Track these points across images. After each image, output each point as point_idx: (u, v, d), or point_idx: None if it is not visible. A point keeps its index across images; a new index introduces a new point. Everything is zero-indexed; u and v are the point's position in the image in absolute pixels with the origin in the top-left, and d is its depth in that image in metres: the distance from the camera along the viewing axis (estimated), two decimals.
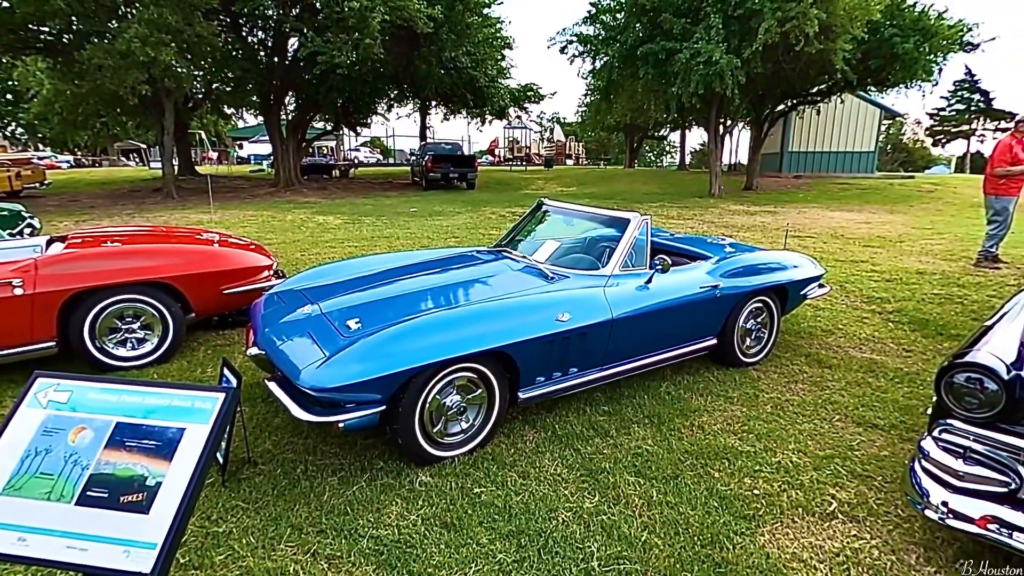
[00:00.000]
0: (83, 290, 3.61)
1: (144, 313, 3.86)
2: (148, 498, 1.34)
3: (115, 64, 12.08)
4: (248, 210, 13.87)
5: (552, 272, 3.42)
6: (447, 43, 17.13)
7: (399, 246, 8.57)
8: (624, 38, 14.58)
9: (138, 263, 3.83)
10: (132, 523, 1.31)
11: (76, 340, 3.65)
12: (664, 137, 49.81)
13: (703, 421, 3.22)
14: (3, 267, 3.50)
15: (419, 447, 2.69)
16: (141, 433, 1.44)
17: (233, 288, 4.18)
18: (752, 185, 19.92)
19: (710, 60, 12.38)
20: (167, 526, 1.30)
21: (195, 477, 1.36)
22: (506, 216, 12.48)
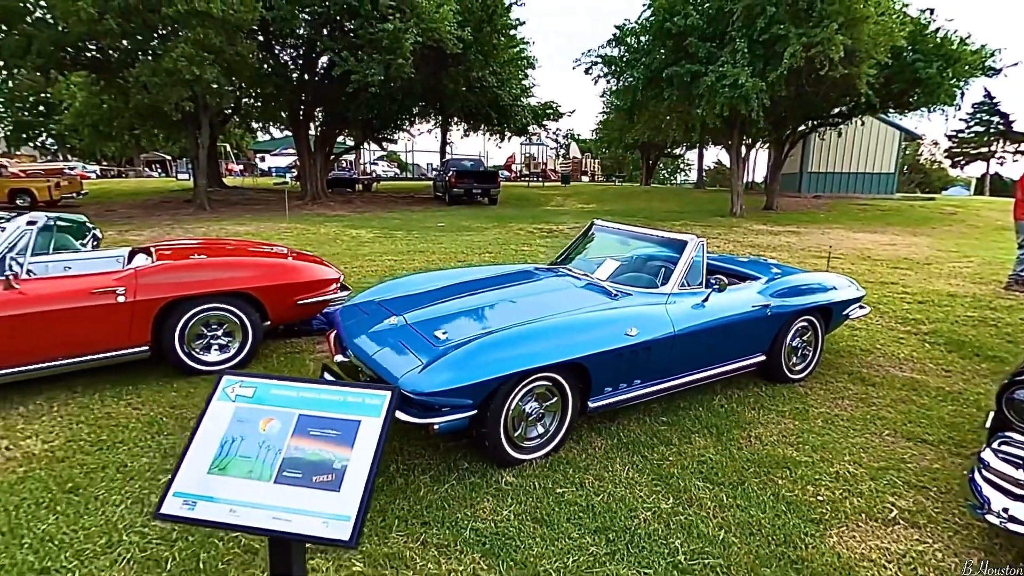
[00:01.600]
0: (176, 299, 3.90)
1: (227, 321, 4.14)
2: (337, 479, 1.57)
3: (161, 81, 12.61)
4: (281, 223, 14.27)
5: (615, 290, 3.65)
6: (474, 63, 17.60)
7: (435, 260, 8.85)
8: (649, 60, 14.92)
9: (224, 274, 4.11)
10: (326, 499, 1.55)
11: (168, 345, 3.93)
12: (679, 155, 50.04)
13: (759, 433, 3.42)
14: (107, 276, 3.80)
15: (503, 449, 2.91)
16: (322, 424, 1.67)
17: (305, 299, 4.45)
18: (772, 205, 20.08)
19: (736, 83, 12.66)
20: (357, 502, 1.53)
21: (375, 462, 1.59)
22: (534, 233, 12.75)
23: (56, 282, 3.68)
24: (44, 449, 3.07)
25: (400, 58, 14.74)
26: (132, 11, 12.37)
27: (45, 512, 2.53)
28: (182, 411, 3.54)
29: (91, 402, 3.64)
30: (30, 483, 2.75)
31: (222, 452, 1.66)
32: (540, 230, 13.19)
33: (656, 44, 14.72)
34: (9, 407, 3.53)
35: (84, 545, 2.31)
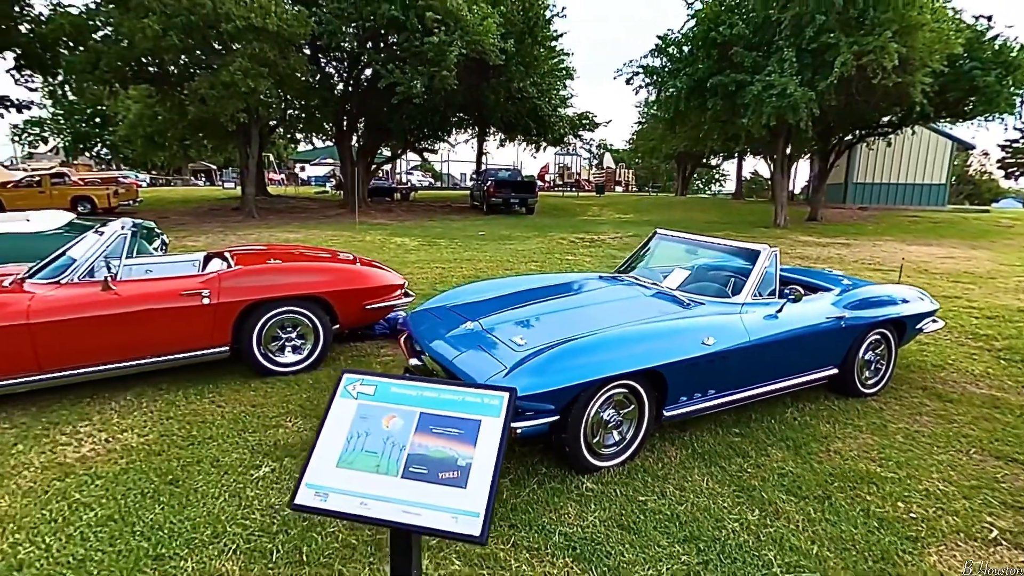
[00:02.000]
0: (256, 301, 4.05)
1: (300, 324, 4.28)
2: (463, 476, 1.62)
3: (218, 93, 13.13)
4: (328, 230, 14.63)
5: (687, 299, 3.64)
6: (515, 74, 17.79)
7: (483, 269, 8.94)
8: (693, 70, 14.82)
9: (300, 279, 4.26)
10: (453, 495, 1.59)
11: (246, 346, 4.08)
12: (716, 166, 49.33)
13: (837, 447, 3.34)
14: (193, 279, 3.98)
15: (582, 455, 2.93)
16: (444, 422, 1.73)
17: (373, 304, 4.57)
18: (816, 216, 19.65)
19: (783, 92, 12.48)
20: (485, 499, 1.57)
21: (498, 460, 1.64)
22: (576, 243, 12.76)
23: (147, 284, 3.87)
24: (141, 442, 3.22)
25: (444, 70, 15.02)
26: (193, 28, 12.93)
27: (151, 502, 2.65)
28: (263, 410, 3.66)
29: (177, 399, 3.80)
30: (133, 474, 2.89)
31: (348, 447, 1.73)
32: (582, 240, 13.19)
33: (700, 54, 14.63)
34: (104, 402, 3.72)
35: (192, 535, 2.42)
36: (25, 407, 3.62)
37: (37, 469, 2.93)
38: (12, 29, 15.48)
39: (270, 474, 2.91)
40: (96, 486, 2.78)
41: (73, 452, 3.11)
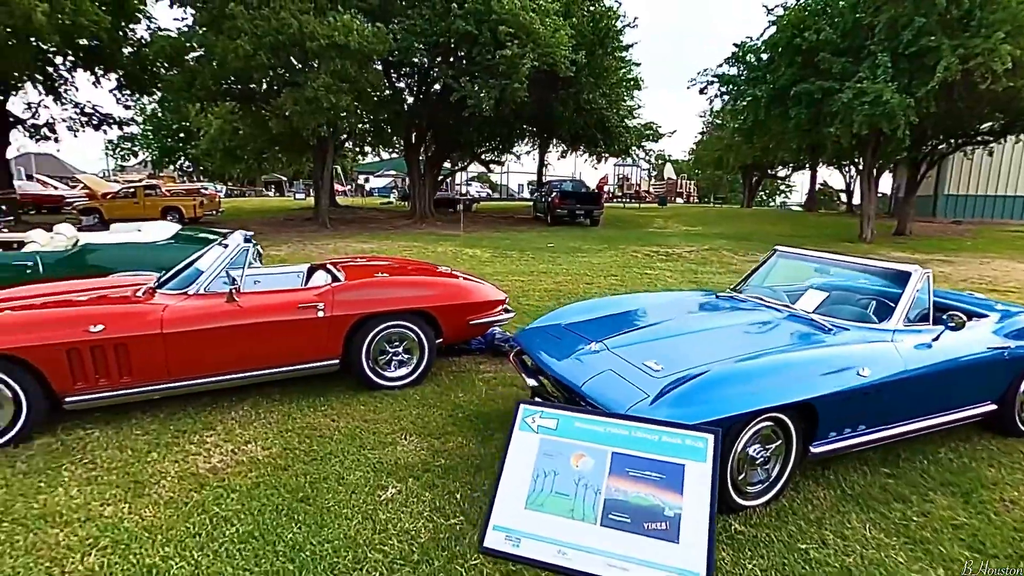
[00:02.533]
0: (367, 315, 4.04)
1: (407, 338, 4.25)
2: (672, 528, 1.46)
3: (302, 109, 13.65)
4: (399, 240, 14.89)
5: (828, 324, 3.35)
6: (585, 85, 17.66)
7: (563, 283, 8.77)
8: (774, 78, 14.23)
9: (408, 293, 4.24)
10: (664, 550, 1.44)
11: (355, 359, 4.08)
12: (784, 177, 47.35)
13: (1014, 496, 2.96)
14: (309, 292, 4.02)
15: (728, 494, 2.69)
16: (640, 465, 1.58)
17: (476, 319, 4.49)
18: (904, 230, 18.41)
19: (877, 100, 11.74)
20: (704, 556, 1.40)
21: (712, 511, 1.47)
22: (651, 256, 12.41)
23: (266, 296, 3.94)
24: (265, 455, 3.23)
25: (515, 83, 15.07)
26: (279, 47, 13.54)
27: (287, 520, 2.62)
28: (376, 425, 3.62)
29: (291, 411, 3.83)
30: (264, 489, 2.88)
31: (536, 486, 1.60)
32: (656, 253, 12.82)
33: (782, 61, 14.03)
34: (223, 412, 3.79)
35: (334, 559, 2.36)
36: (154, 414, 3.73)
37: (173, 479, 2.97)
38: (117, 52, 16.76)
39: (397, 496, 2.84)
40: (232, 500, 2.78)
41: (204, 463, 3.15)
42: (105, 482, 2.93)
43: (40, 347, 3.22)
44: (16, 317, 3.30)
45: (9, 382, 3.20)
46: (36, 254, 5.74)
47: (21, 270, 5.59)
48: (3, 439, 3.23)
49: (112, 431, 3.49)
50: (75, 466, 3.08)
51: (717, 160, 41.53)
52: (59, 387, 3.32)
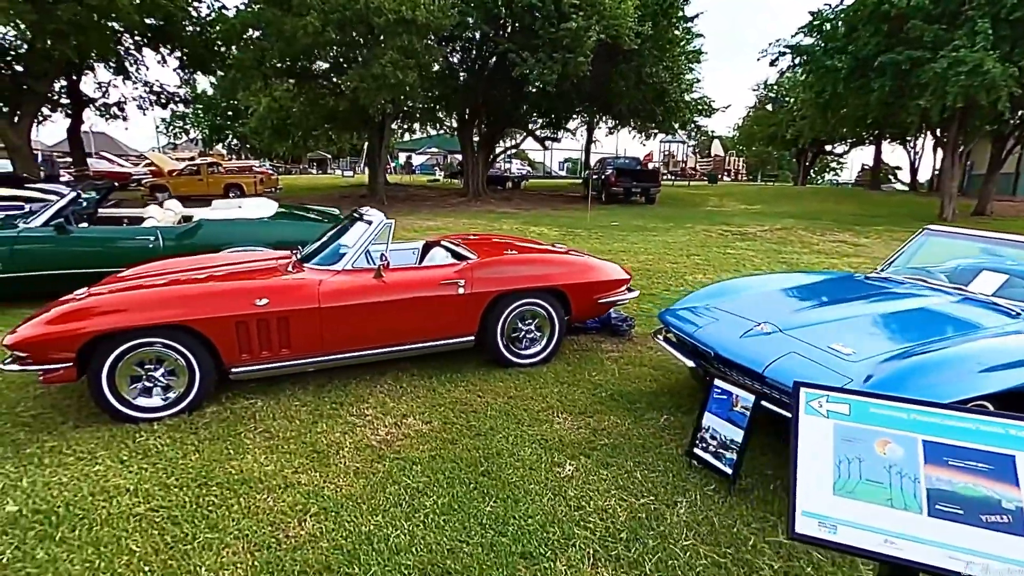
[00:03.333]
0: (505, 292, 4.04)
1: (538, 316, 4.24)
2: (1017, 521, 1.39)
3: (368, 86, 13.68)
4: (460, 217, 14.93)
5: (1014, 308, 3.17)
6: (648, 58, 17.15)
7: (646, 261, 8.62)
8: (856, 48, 13.50)
9: (541, 271, 4.21)
10: (1011, 544, 1.37)
11: (490, 337, 4.09)
12: (842, 153, 45.31)
13: None
14: (448, 268, 4.03)
15: None
16: (961, 454, 1.50)
17: (603, 298, 4.45)
18: (985, 210, 17.45)
19: (976, 69, 11.01)
20: None
21: None
22: (725, 235, 12.10)
23: (410, 272, 3.97)
24: (428, 429, 3.28)
25: (580, 56, 14.74)
26: (347, 23, 13.54)
27: (478, 494, 2.66)
28: (523, 402, 3.64)
29: (434, 386, 3.88)
30: (442, 462, 2.93)
31: (841, 473, 1.55)
32: (729, 232, 12.49)
33: (866, 29, 13.27)
34: (369, 385, 3.87)
35: (543, 534, 2.37)
36: (303, 386, 3.83)
37: (350, 449, 3.05)
38: (183, 31, 17.06)
39: (576, 473, 2.84)
40: (416, 471, 2.83)
41: (372, 435, 3.21)
42: (287, 451, 3.02)
43: (213, 319, 3.33)
44: (190, 290, 3.41)
45: (185, 352, 3.33)
46: (156, 229, 5.95)
47: (144, 244, 5.80)
48: (180, 406, 3.37)
49: (273, 401, 3.60)
50: (252, 434, 3.19)
51: (771, 136, 40.07)
52: (227, 358, 3.44)
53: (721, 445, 2.75)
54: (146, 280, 3.75)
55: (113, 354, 3.19)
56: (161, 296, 3.32)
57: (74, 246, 5.63)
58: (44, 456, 2.94)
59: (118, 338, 3.18)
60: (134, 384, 3.30)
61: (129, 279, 3.88)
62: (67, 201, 5.73)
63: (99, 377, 3.19)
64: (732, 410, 2.75)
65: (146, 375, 3.32)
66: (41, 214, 5.67)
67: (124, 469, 2.84)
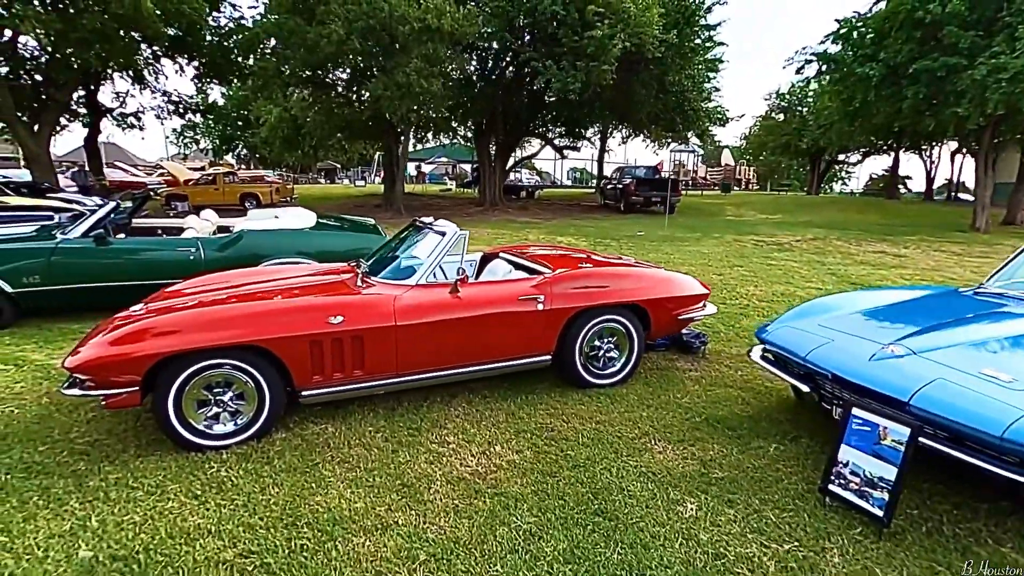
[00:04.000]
0: (584, 309, 3.78)
1: (617, 333, 3.97)
2: None
3: (392, 95, 13.52)
4: (484, 227, 14.69)
5: None
6: (671, 66, 16.97)
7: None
8: (888, 55, 13.27)
9: (621, 285, 3.95)
10: None
11: (568, 356, 3.83)
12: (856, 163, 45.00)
13: None
14: (525, 283, 3.77)
15: None
16: None
17: (685, 313, 4.18)
18: (1015, 219, 17.15)
19: (1018, 76, 10.76)
20: None
21: None
22: (760, 245, 11.81)
23: (486, 287, 3.72)
24: (522, 460, 3.01)
25: (605, 64, 14.56)
26: (371, 31, 13.41)
27: (600, 537, 2.38)
28: (614, 428, 3.36)
29: (512, 409, 3.61)
30: (546, 499, 2.65)
31: None
32: (763, 243, 12.19)
33: (899, 36, 13.05)
34: (443, 410, 3.60)
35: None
36: (372, 410, 3.57)
37: (442, 483, 2.78)
38: (202, 40, 16.99)
39: (699, 513, 2.56)
40: (522, 510, 2.56)
41: (462, 465, 2.94)
42: (372, 484, 2.76)
43: (286, 339, 3.08)
44: (261, 308, 3.16)
45: (255, 374, 3.08)
46: (197, 240, 5.72)
47: (185, 256, 5.58)
48: (248, 432, 3.12)
49: (344, 427, 3.34)
50: (330, 465, 2.93)
51: (784, 145, 39.84)
52: (299, 380, 3.18)
53: (866, 483, 2.47)
54: (206, 295, 3.51)
55: (181, 377, 2.94)
56: (232, 314, 3.07)
57: (114, 258, 5.42)
58: (110, 490, 2.69)
59: (186, 359, 2.93)
60: (200, 409, 3.05)
61: (186, 294, 3.65)
62: (106, 211, 5.52)
63: (165, 402, 2.94)
64: (879, 444, 2.46)
65: (214, 399, 3.06)
66: (79, 225, 5.46)
67: (200, 506, 2.58)
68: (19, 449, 3.05)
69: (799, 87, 40.26)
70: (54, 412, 3.52)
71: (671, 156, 48.20)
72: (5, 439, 3.17)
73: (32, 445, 3.10)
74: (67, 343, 4.81)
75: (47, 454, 3.01)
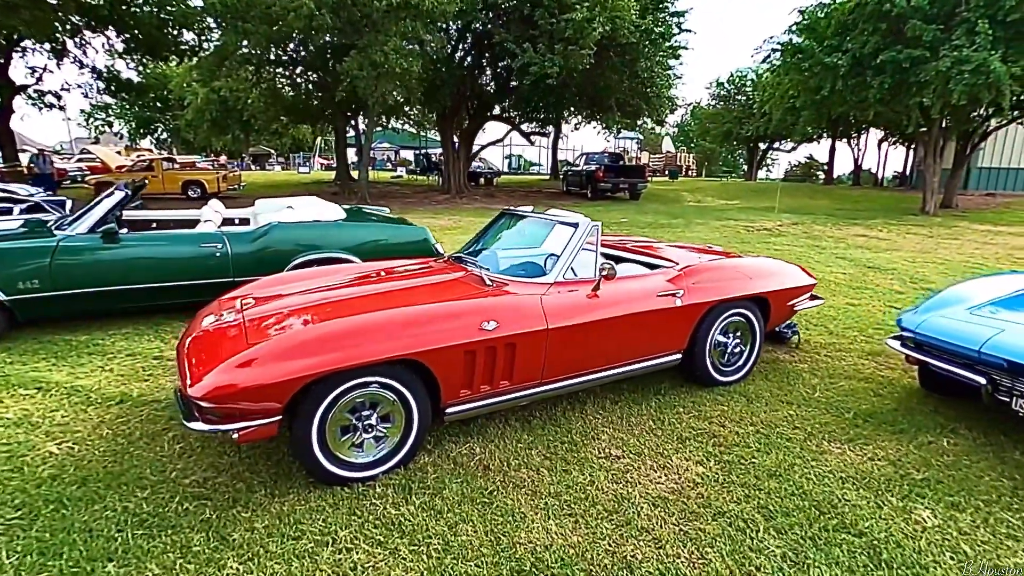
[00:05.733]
0: (718, 303, 3.56)
1: (741, 327, 3.78)
2: None
3: (367, 75, 12.71)
4: (465, 215, 14.21)
5: None
6: (642, 52, 16.99)
7: None
8: (855, 46, 13.82)
9: (749, 277, 3.75)
10: None
11: (699, 354, 3.60)
12: (791, 150, 47.32)
13: None
14: (659, 277, 3.50)
15: None
16: None
17: (797, 303, 4.05)
18: (951, 203, 18.49)
19: (980, 68, 11.46)
20: None
21: None
22: (749, 230, 12.05)
23: (623, 283, 3.40)
24: (710, 472, 2.75)
25: (584, 48, 14.35)
26: (341, 6, 12.51)
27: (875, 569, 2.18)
28: (781, 429, 3.17)
29: (654, 414, 3.35)
30: (780, 519, 2.42)
31: None
32: (746, 228, 12.46)
33: (866, 27, 13.60)
34: (584, 420, 3.29)
35: None
36: (508, 423, 3.21)
37: (645, 505, 2.48)
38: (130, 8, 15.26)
39: (938, 520, 2.40)
40: (759, 531, 2.31)
41: (652, 484, 2.65)
42: (572, 512, 2.43)
43: (441, 350, 2.66)
44: (411, 315, 2.71)
45: (403, 392, 2.64)
46: (223, 234, 5.04)
47: (210, 252, 4.90)
48: (395, 459, 2.69)
49: (491, 444, 2.97)
50: (505, 490, 2.56)
51: (726, 132, 41.34)
52: (447, 395, 2.77)
53: None
54: (305, 301, 3.01)
55: (327, 399, 2.47)
56: (383, 323, 2.61)
57: (126, 257, 4.66)
58: (266, 542, 2.21)
59: (332, 379, 2.46)
60: (344, 436, 2.59)
61: (269, 299, 3.12)
62: (115, 202, 4.73)
63: (309, 430, 2.47)
64: None
65: (361, 424, 2.61)
66: (83, 219, 4.66)
67: (391, 555, 2.16)
68: (114, 498, 2.48)
69: (738, 77, 41.99)
70: (128, 447, 2.92)
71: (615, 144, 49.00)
72: (85, 484, 2.57)
73: (126, 491, 2.53)
74: (84, 358, 4.10)
75: (154, 502, 2.46)
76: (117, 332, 4.65)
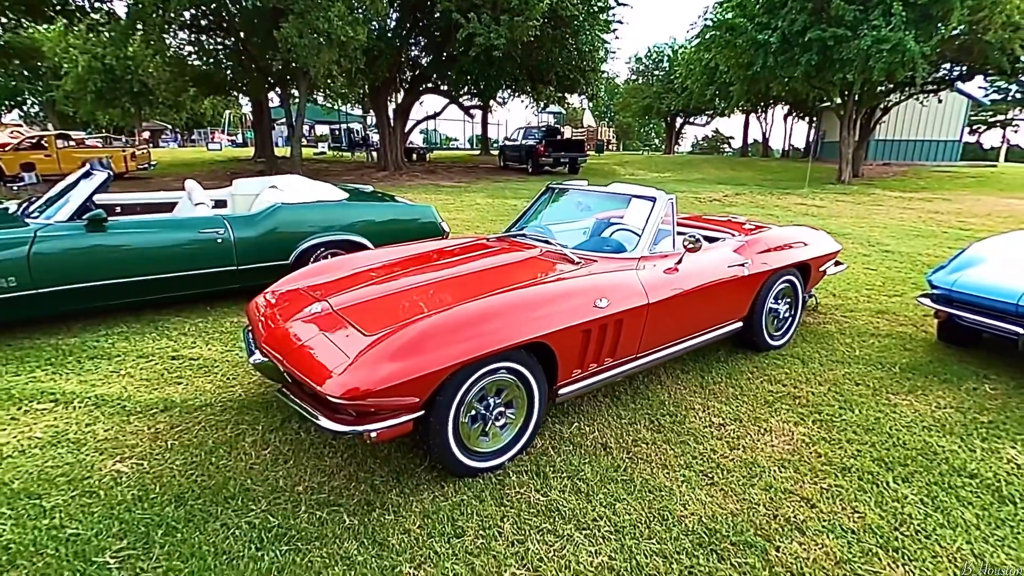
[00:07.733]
0: (776, 271, 3.70)
1: (788, 293, 3.97)
2: None
3: (309, 43, 11.83)
4: (418, 193, 13.77)
5: None
6: (583, 25, 17.03)
7: None
8: (784, 24, 14.61)
9: (797, 245, 3.93)
10: None
11: (757, 320, 3.74)
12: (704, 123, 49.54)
13: None
14: (727, 248, 3.57)
15: None
16: None
17: (827, 269, 4.30)
18: (858, 173, 20.24)
19: (897, 47, 12.52)
20: None
21: None
22: (701, 201, 12.55)
23: (700, 255, 3.43)
24: (814, 435, 2.89)
25: (531, 19, 14.16)
26: None
27: None
28: (846, 389, 3.38)
29: (728, 380, 3.45)
30: (945, 497, 2.59)
31: None
32: (698, 199, 13.01)
33: (794, 6, 14.40)
34: (661, 389, 3.33)
35: None
36: (593, 397, 3.19)
37: (784, 470, 2.57)
38: None
39: None
40: (919, 494, 2.47)
41: (771, 448, 2.75)
42: (726, 485, 2.47)
43: (564, 331, 2.57)
44: (533, 297, 2.59)
45: (527, 376, 2.55)
46: (223, 218, 4.56)
47: (211, 239, 4.43)
48: (518, 445, 2.60)
49: (597, 424, 2.94)
50: (647, 467, 2.56)
51: (646, 107, 42.62)
52: (563, 376, 2.71)
53: None
54: (400, 286, 2.82)
55: (462, 388, 2.34)
56: (513, 306, 2.48)
57: (116, 247, 4.11)
58: (427, 542, 2.08)
59: (470, 367, 2.33)
60: (474, 425, 2.47)
61: (344, 286, 2.90)
62: (97, 185, 4.14)
63: (445, 422, 2.32)
64: None
65: (490, 412, 2.49)
66: (60, 205, 4.04)
67: (569, 543, 2.10)
68: (228, 514, 2.22)
69: (656, 52, 43.29)
70: (208, 457, 2.61)
71: (537, 119, 49.07)
72: (183, 503, 2.29)
73: (239, 506, 2.28)
74: (86, 363, 3.61)
75: (280, 514, 2.23)
76: (108, 332, 4.12)
